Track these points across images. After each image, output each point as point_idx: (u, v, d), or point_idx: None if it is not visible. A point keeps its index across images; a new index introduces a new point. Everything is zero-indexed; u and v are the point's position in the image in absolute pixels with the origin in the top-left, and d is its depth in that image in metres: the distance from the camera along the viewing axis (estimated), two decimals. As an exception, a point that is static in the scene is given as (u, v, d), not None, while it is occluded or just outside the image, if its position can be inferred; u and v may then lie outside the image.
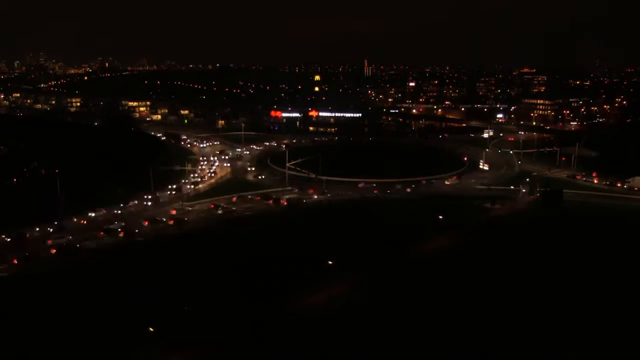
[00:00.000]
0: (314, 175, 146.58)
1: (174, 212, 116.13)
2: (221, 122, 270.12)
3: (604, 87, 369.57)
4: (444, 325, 65.14)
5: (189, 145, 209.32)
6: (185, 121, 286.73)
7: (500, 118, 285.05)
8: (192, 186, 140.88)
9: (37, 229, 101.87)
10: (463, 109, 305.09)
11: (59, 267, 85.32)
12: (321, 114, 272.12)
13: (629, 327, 65.41)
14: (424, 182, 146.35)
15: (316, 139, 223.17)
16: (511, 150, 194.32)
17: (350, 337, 62.75)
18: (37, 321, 65.92)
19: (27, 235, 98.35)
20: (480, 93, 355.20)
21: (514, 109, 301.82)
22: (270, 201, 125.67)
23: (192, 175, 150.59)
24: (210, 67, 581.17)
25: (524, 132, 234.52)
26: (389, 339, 62.15)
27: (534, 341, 61.97)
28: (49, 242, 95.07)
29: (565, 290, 75.14)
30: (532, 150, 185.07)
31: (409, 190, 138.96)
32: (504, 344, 61.24)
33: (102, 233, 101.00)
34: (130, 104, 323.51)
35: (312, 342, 61.62)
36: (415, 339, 62.17)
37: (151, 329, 62.63)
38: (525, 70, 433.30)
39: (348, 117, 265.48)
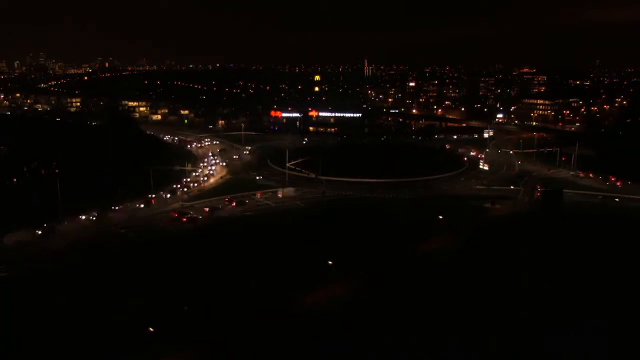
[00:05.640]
0: (313, 175, 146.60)
1: (174, 213, 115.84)
2: (221, 122, 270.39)
3: (604, 87, 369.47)
4: (444, 326, 65.05)
5: (189, 146, 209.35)
6: (185, 121, 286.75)
7: (500, 118, 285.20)
8: (193, 185, 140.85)
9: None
10: (463, 109, 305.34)
11: (59, 265, 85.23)
12: (321, 114, 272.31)
13: (630, 329, 65.35)
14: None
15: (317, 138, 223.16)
16: (511, 150, 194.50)
17: (350, 337, 62.65)
18: (36, 321, 65.73)
19: None
20: (480, 93, 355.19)
21: (514, 109, 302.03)
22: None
23: (192, 176, 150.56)
24: (210, 67, 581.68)
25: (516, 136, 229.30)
26: (388, 339, 62.04)
27: (534, 341, 61.93)
28: None
29: (565, 290, 75.03)
30: (532, 151, 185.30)
31: (408, 190, 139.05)
32: (503, 345, 61.21)
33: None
34: (130, 104, 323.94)
35: (312, 342, 61.61)
36: (414, 339, 62.03)
37: (151, 329, 62.61)
38: (525, 70, 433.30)
39: (348, 117, 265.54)
